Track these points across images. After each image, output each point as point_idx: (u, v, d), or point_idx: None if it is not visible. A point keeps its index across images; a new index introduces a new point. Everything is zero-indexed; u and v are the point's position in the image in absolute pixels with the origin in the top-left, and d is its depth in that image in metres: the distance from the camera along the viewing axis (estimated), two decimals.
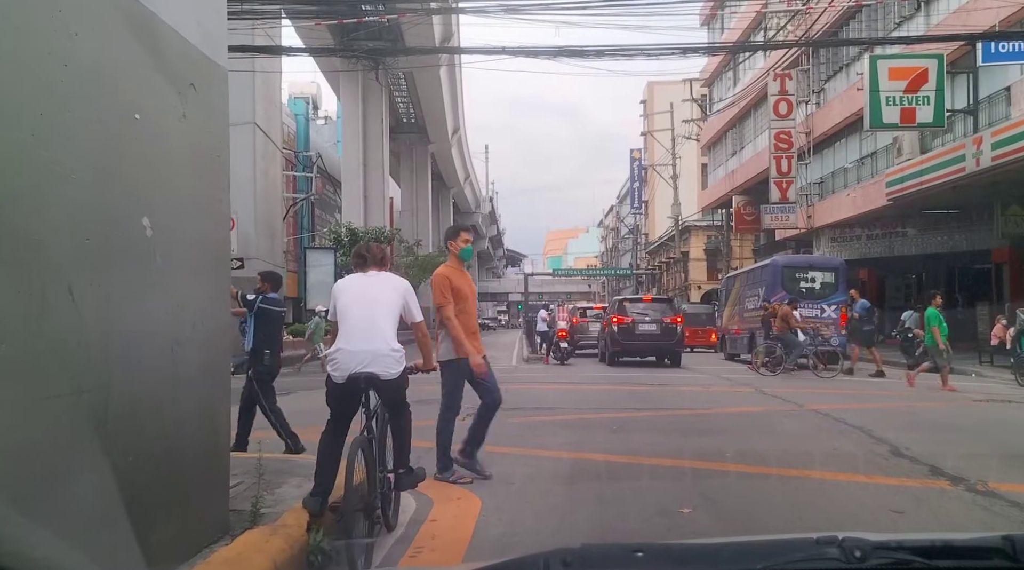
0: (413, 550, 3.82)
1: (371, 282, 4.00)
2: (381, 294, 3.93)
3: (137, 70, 2.77)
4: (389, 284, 4.02)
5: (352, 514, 3.46)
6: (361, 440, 3.75)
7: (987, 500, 4.80)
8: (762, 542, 1.39)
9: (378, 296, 3.92)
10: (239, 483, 4.31)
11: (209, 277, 3.24)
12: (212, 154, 3.27)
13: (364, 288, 3.96)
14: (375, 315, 3.82)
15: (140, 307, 2.70)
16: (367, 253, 4.15)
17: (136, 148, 2.71)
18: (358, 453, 3.62)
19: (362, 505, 3.62)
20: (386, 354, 3.75)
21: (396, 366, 3.81)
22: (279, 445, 6.06)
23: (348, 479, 3.47)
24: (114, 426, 2.50)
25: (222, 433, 3.38)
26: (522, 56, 12.16)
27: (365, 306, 3.84)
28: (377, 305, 3.87)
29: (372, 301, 3.88)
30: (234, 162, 15.79)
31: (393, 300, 3.95)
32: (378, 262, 4.11)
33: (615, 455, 6.29)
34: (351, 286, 4.03)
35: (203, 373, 3.13)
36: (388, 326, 3.85)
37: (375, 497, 3.76)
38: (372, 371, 3.71)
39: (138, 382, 2.66)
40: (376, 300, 3.89)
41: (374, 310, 3.84)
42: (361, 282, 4.03)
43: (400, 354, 3.84)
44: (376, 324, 3.79)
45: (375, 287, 3.96)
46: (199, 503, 3.12)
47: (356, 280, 4.09)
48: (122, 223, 2.63)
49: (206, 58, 3.22)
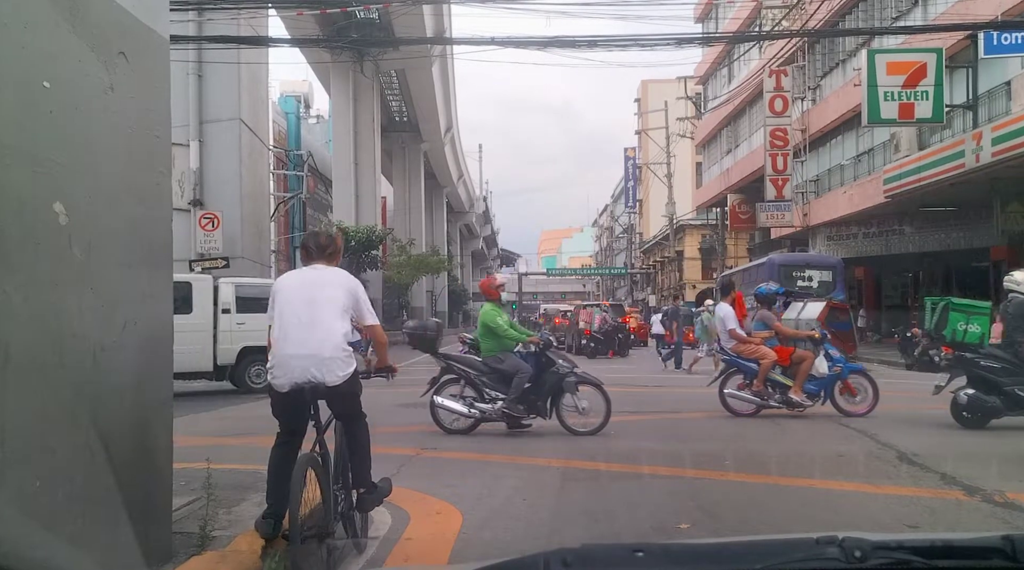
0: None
1: (313, 278, 3.54)
2: (323, 291, 3.47)
3: (50, 33, 2.39)
4: (335, 280, 3.54)
5: (299, 542, 3.07)
6: (309, 458, 3.35)
7: (1007, 512, 4.47)
8: (762, 542, 1.38)
9: (318, 294, 3.46)
10: (194, 500, 3.94)
11: (144, 272, 2.86)
12: (147, 133, 2.89)
13: (303, 285, 3.52)
14: (315, 314, 3.38)
15: (50, 307, 2.32)
16: (312, 244, 3.70)
17: (46, 122, 2.33)
18: (305, 473, 3.21)
19: (314, 531, 3.24)
20: (330, 356, 3.33)
21: (343, 368, 3.37)
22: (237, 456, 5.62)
23: (293, 504, 3.08)
24: (12, 446, 2.12)
25: (161, 448, 3.00)
26: (512, 47, 11.83)
27: (304, 305, 3.41)
28: (317, 304, 3.42)
29: (311, 300, 3.43)
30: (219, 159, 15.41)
31: (338, 297, 3.48)
32: (325, 255, 3.65)
33: (608, 463, 5.95)
34: (290, 284, 3.58)
35: (135, 382, 2.75)
36: (332, 325, 3.39)
37: (332, 519, 3.39)
38: (316, 378, 3.30)
39: (46, 394, 2.28)
40: (315, 299, 3.44)
41: (314, 309, 3.40)
42: (301, 278, 3.60)
43: (347, 354, 3.41)
44: (317, 324, 3.36)
45: (317, 284, 3.51)
46: (133, 527, 2.74)
47: (295, 276, 3.68)
48: (27, 209, 2.24)
49: (140, 24, 2.84)
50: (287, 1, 18.87)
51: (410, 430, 8.13)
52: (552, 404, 7.45)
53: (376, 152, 34.58)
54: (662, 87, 45.75)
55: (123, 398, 2.69)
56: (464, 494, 4.90)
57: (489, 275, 8.43)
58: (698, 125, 38.61)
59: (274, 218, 31.41)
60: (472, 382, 7.47)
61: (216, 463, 4.34)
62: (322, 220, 38.58)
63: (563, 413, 7.43)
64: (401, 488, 5.09)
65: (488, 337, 7.55)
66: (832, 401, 8.50)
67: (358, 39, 27.28)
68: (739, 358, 8.62)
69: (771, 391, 8.50)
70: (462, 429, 7.49)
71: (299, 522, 3.07)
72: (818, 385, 8.47)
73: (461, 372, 7.51)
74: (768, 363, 8.42)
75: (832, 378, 8.49)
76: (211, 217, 18.52)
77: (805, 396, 8.43)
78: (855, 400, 8.54)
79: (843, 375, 8.54)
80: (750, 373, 8.52)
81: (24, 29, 2.28)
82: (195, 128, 18.84)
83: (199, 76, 19.01)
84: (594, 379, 7.81)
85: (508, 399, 7.27)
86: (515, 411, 7.27)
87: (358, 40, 27.12)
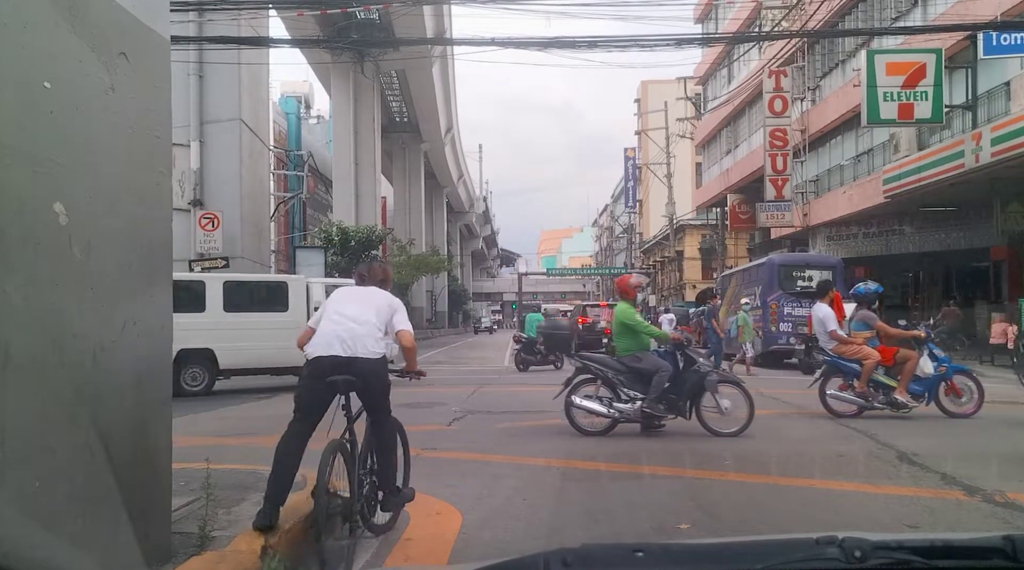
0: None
1: (362, 290, 4.10)
2: (367, 296, 4.01)
3: (50, 33, 2.39)
4: (380, 294, 4.07)
5: (324, 520, 3.32)
6: (338, 444, 3.61)
7: (1008, 512, 4.46)
8: (762, 542, 1.38)
9: (363, 297, 4.00)
10: (194, 500, 3.93)
11: (144, 272, 2.85)
12: (148, 133, 2.88)
13: (353, 292, 4.10)
14: (358, 307, 3.88)
15: (50, 307, 2.31)
16: (367, 273, 4.24)
17: (46, 122, 2.33)
18: (333, 457, 3.48)
19: (339, 511, 3.50)
20: (363, 333, 3.75)
21: (374, 346, 3.76)
22: (237, 456, 5.64)
23: (320, 482, 3.34)
24: (12, 446, 2.12)
25: (161, 448, 2.99)
26: (512, 47, 11.84)
27: (350, 301, 3.94)
28: (361, 301, 3.94)
29: (357, 300, 3.96)
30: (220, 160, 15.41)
31: (379, 302, 3.97)
32: (378, 282, 4.18)
33: (608, 463, 5.95)
34: (342, 291, 4.15)
35: (134, 381, 2.75)
36: (370, 316, 3.84)
37: (356, 500, 3.66)
38: (354, 351, 3.68)
39: (46, 394, 2.28)
40: (360, 299, 3.97)
41: (358, 304, 3.90)
42: (351, 291, 4.15)
43: (378, 339, 3.80)
44: (358, 312, 3.84)
45: (364, 293, 4.07)
46: (132, 527, 2.74)
47: (348, 288, 4.22)
48: (27, 209, 2.24)
49: (141, 24, 2.84)
50: (287, 1, 18.87)
51: (410, 430, 8.12)
52: (691, 404, 7.30)
53: (376, 152, 34.56)
54: (662, 87, 45.78)
55: (123, 398, 2.68)
56: (464, 494, 4.89)
57: (625, 274, 8.15)
58: (698, 125, 38.59)
59: (274, 218, 31.40)
60: (609, 382, 7.28)
61: (216, 463, 4.34)
62: (322, 220, 38.57)
63: (703, 413, 7.28)
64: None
65: (625, 336, 7.40)
66: (936, 402, 8.32)
67: (358, 39, 27.29)
68: (841, 359, 8.48)
69: (875, 392, 8.37)
70: (598, 430, 7.31)
71: (324, 502, 3.30)
72: (923, 386, 8.30)
73: (598, 372, 7.34)
74: (872, 364, 8.26)
75: (937, 378, 8.33)
76: (211, 217, 18.52)
77: (910, 397, 8.27)
78: (960, 401, 8.36)
79: (948, 375, 8.37)
80: (852, 374, 8.39)
81: (24, 29, 2.28)
82: (195, 128, 18.84)
83: (199, 76, 19.01)
84: (735, 378, 7.65)
85: (648, 398, 7.13)
86: (656, 411, 7.14)
87: (358, 40, 27.13)
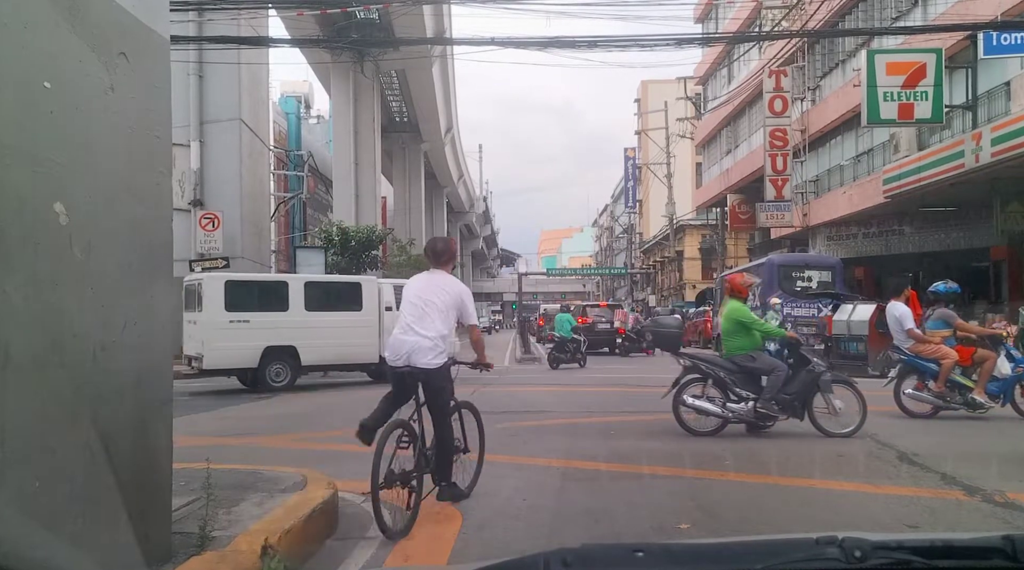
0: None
1: (428, 283, 4.50)
2: (433, 295, 4.42)
3: (50, 33, 2.38)
4: (445, 287, 4.48)
5: (378, 486, 3.92)
6: (402, 422, 4.23)
7: (1008, 512, 4.47)
8: (762, 542, 1.39)
9: (429, 297, 4.41)
10: (194, 500, 3.93)
11: (144, 272, 2.85)
12: (148, 133, 2.88)
13: (420, 288, 4.49)
14: (423, 313, 4.36)
15: (50, 307, 2.31)
16: (430, 250, 4.72)
17: (46, 122, 2.33)
18: (391, 433, 4.11)
19: (398, 479, 4.09)
20: (426, 348, 4.29)
21: (435, 359, 4.31)
22: (237, 456, 5.65)
23: (376, 457, 3.94)
24: (12, 446, 2.12)
25: (161, 447, 2.99)
26: (512, 47, 11.84)
27: (417, 305, 4.39)
28: (427, 305, 4.39)
29: (424, 301, 4.40)
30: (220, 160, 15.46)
31: (444, 301, 4.42)
32: (441, 261, 4.62)
33: (608, 463, 5.94)
34: (411, 287, 4.57)
35: (135, 381, 2.75)
36: (432, 324, 4.35)
37: (416, 471, 4.20)
38: (411, 362, 4.29)
39: (46, 394, 2.28)
40: (427, 301, 4.40)
41: (423, 309, 4.37)
42: (419, 284, 4.54)
43: (440, 350, 4.33)
44: (422, 320, 4.34)
45: (430, 288, 4.46)
46: (132, 527, 2.74)
47: (418, 280, 4.61)
48: (27, 209, 2.24)
49: (141, 24, 2.84)
50: (287, 1, 18.88)
51: None
52: (803, 404, 7.23)
53: (376, 152, 34.53)
54: (662, 87, 45.78)
55: (123, 398, 2.68)
56: None
57: (734, 273, 8.10)
58: (698, 125, 38.58)
59: (274, 218, 31.39)
60: (720, 382, 7.22)
61: (216, 463, 4.34)
62: (322, 220, 38.55)
63: (815, 414, 7.21)
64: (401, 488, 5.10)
65: (738, 335, 7.35)
66: (1012, 403, 8.24)
67: (358, 39, 27.28)
68: (918, 358, 8.43)
69: (951, 392, 8.31)
70: (707, 431, 7.27)
71: (379, 470, 3.91)
72: (999, 387, 8.23)
73: (708, 371, 7.28)
74: (950, 363, 8.20)
75: (1014, 379, 8.26)
76: (211, 217, 18.52)
77: (988, 397, 8.20)
78: None
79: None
80: (930, 373, 8.33)
81: (24, 29, 2.28)
82: (195, 128, 18.84)
83: (199, 76, 19.01)
84: (847, 378, 7.56)
85: (763, 398, 7.08)
86: (770, 410, 7.08)
87: (358, 40, 27.11)
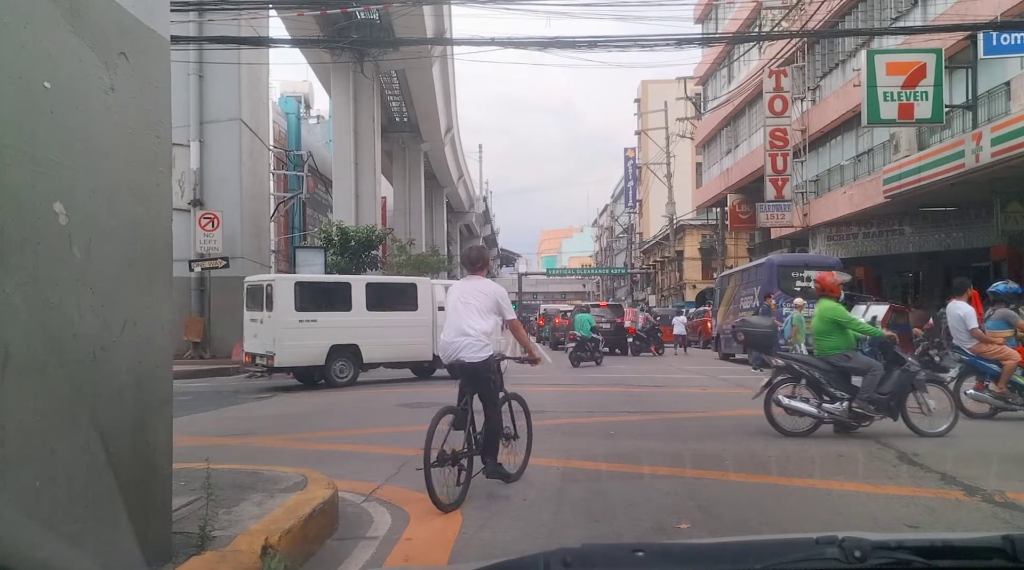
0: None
1: (467, 287, 5.09)
2: (472, 297, 4.98)
3: (50, 33, 2.38)
4: (483, 289, 5.06)
5: (429, 464, 4.41)
6: (451, 409, 4.76)
7: (1007, 512, 4.46)
8: (762, 542, 1.39)
9: (469, 300, 4.97)
10: (195, 500, 3.93)
11: (144, 272, 2.85)
12: (149, 133, 2.88)
13: (461, 293, 5.07)
14: (464, 314, 4.92)
15: (50, 307, 2.31)
16: (465, 258, 5.45)
17: (46, 122, 2.33)
18: (442, 418, 4.59)
19: (449, 459, 4.56)
20: (471, 344, 4.84)
21: (479, 352, 4.87)
22: (237, 456, 5.65)
23: (428, 436, 4.45)
24: (12, 446, 2.12)
25: (161, 448, 2.99)
26: (512, 47, 11.84)
27: (459, 307, 4.97)
28: (468, 306, 4.95)
29: (465, 303, 4.97)
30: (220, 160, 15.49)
31: (482, 301, 4.99)
32: (476, 268, 5.26)
33: (608, 463, 5.94)
34: (454, 291, 5.18)
35: (135, 381, 2.74)
36: (474, 323, 4.89)
37: (466, 451, 4.74)
38: (460, 357, 4.86)
39: (46, 394, 2.28)
40: (467, 303, 4.97)
41: (464, 310, 4.94)
42: (461, 288, 5.14)
43: (483, 344, 4.87)
44: (464, 320, 4.89)
45: (469, 292, 5.03)
46: (132, 527, 2.74)
47: (459, 285, 5.23)
48: (27, 209, 2.24)
49: (141, 24, 2.84)
50: (287, 1, 18.87)
51: (410, 430, 8.13)
52: (898, 404, 7.20)
53: (376, 152, 34.53)
54: (662, 87, 45.80)
55: (123, 398, 2.68)
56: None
57: (824, 273, 7.93)
58: (698, 125, 38.59)
59: (274, 218, 31.39)
60: (815, 382, 7.19)
61: (216, 463, 4.34)
62: (322, 220, 38.55)
63: (907, 413, 7.20)
64: (401, 488, 5.10)
65: (833, 334, 7.32)
66: None
67: (358, 39, 27.27)
68: (980, 359, 8.39)
69: (1012, 393, 8.26)
70: (801, 431, 7.25)
71: (430, 450, 4.40)
72: None
73: (802, 372, 7.27)
74: (1012, 364, 8.15)
75: None
76: (211, 217, 18.51)
77: None
78: None
79: None
80: (991, 374, 8.31)
81: (24, 29, 2.28)
82: (195, 128, 18.82)
83: (199, 76, 18.99)
84: (940, 377, 7.52)
85: (859, 398, 7.07)
86: (866, 410, 7.07)
87: (358, 40, 27.10)
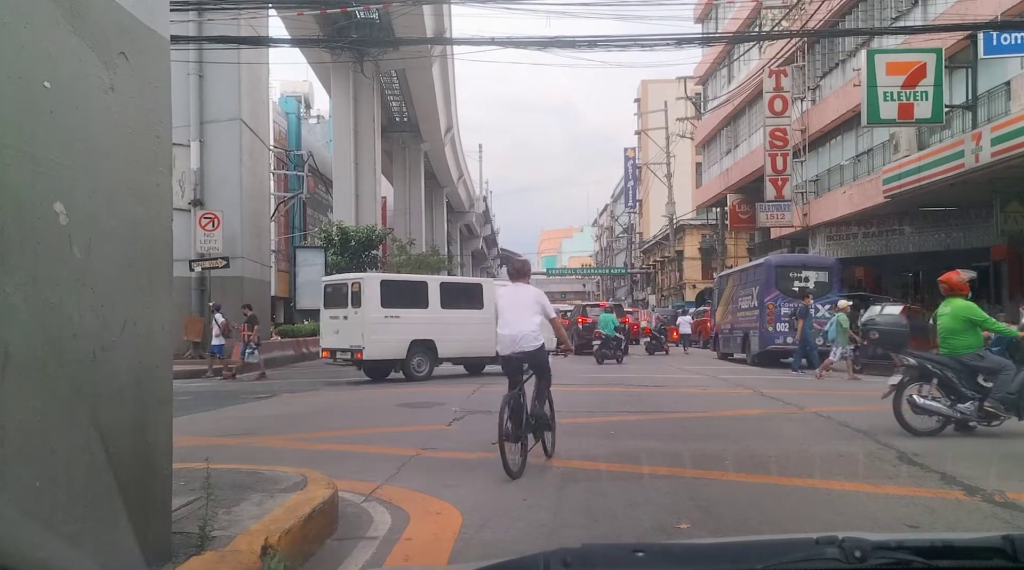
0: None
1: (515, 293, 6.13)
2: (521, 301, 6.03)
3: (50, 33, 2.38)
4: (528, 294, 6.10)
5: (504, 443, 5.36)
6: (511, 395, 5.70)
7: (1008, 512, 4.47)
8: (762, 542, 1.39)
9: (519, 302, 6.02)
10: (194, 500, 3.93)
11: (144, 272, 2.85)
12: (149, 133, 2.88)
13: (511, 297, 6.12)
14: (517, 313, 5.97)
15: (50, 307, 2.31)
16: (510, 269, 6.61)
17: (46, 122, 2.33)
18: (508, 404, 5.54)
19: (508, 436, 5.43)
20: (526, 334, 5.88)
21: (533, 342, 5.89)
22: (237, 456, 5.65)
23: (500, 420, 5.43)
24: (12, 446, 2.11)
25: (161, 448, 2.99)
26: (512, 47, 11.84)
27: (511, 307, 6.01)
28: (519, 307, 6.00)
29: (515, 305, 6.02)
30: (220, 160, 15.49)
31: (530, 303, 6.01)
32: (520, 276, 6.36)
33: (608, 463, 5.94)
34: (505, 296, 6.20)
35: (134, 381, 2.74)
36: (526, 319, 5.93)
37: (523, 431, 5.70)
38: (521, 348, 5.87)
39: (46, 394, 2.28)
40: (517, 305, 6.01)
41: (516, 310, 5.98)
42: (511, 293, 6.17)
43: (536, 335, 5.90)
44: (518, 317, 5.94)
45: (518, 295, 6.09)
46: (132, 527, 2.74)
47: (510, 291, 6.25)
48: (27, 209, 2.24)
49: (141, 24, 2.84)
50: (287, 1, 18.86)
51: (410, 430, 8.14)
52: None
53: (376, 152, 34.53)
54: (662, 87, 45.81)
55: (123, 398, 2.68)
56: (464, 494, 4.90)
57: (949, 272, 7.81)
58: (698, 125, 38.59)
59: (274, 218, 31.40)
60: (947, 381, 7.20)
61: (216, 463, 4.34)
62: (322, 220, 38.55)
63: None
64: (401, 488, 5.11)
65: (966, 333, 7.28)
66: None
67: (358, 39, 27.29)
68: None
69: None
70: (929, 430, 7.28)
71: (503, 427, 5.37)
72: None
73: (936, 371, 7.27)
74: None
75: None
76: (211, 217, 18.51)
77: None
78: None
79: None
80: None
81: (24, 29, 2.28)
82: (195, 128, 18.81)
83: (199, 76, 18.98)
84: None
85: (992, 397, 7.08)
86: (998, 410, 7.07)
87: (358, 40, 27.12)
